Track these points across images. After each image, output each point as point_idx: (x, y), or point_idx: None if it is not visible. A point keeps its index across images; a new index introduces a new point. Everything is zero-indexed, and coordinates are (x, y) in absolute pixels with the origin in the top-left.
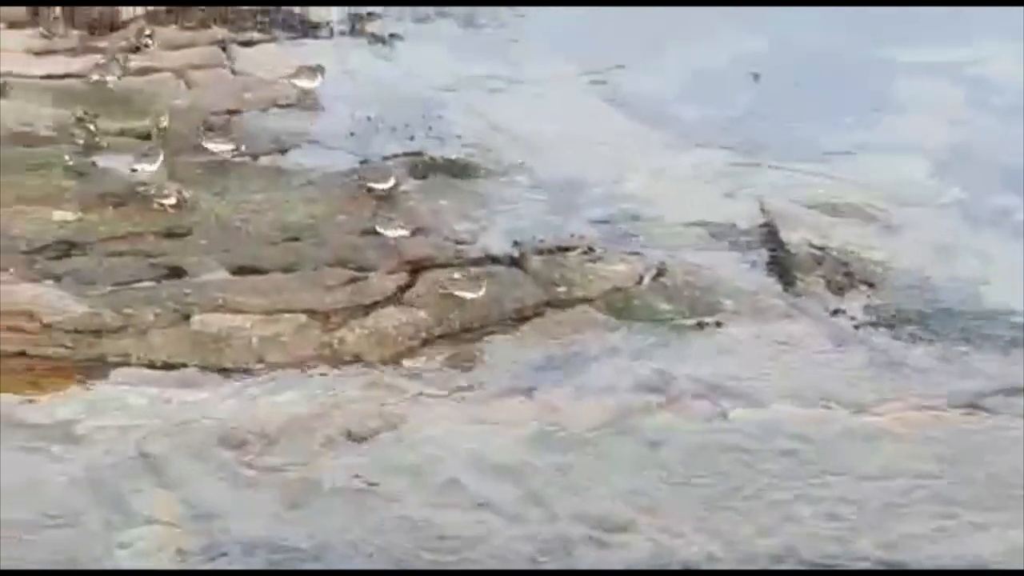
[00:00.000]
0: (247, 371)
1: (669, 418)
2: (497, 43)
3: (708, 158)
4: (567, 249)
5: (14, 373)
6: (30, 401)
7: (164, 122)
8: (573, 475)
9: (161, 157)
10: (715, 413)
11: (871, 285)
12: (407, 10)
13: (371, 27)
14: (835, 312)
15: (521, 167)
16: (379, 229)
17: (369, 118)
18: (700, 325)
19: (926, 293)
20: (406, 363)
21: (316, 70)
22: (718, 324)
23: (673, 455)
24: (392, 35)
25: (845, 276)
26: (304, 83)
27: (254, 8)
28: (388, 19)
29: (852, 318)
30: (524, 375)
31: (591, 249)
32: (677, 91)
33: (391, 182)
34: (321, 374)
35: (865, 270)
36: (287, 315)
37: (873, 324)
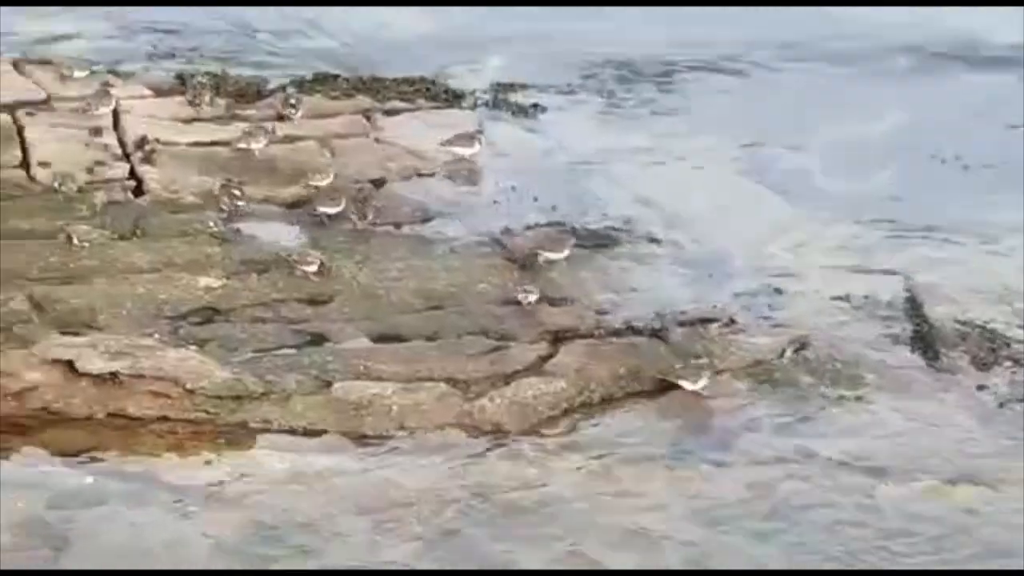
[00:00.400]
0: (387, 438)
1: (810, 493)
2: (640, 116)
3: (852, 232)
4: (709, 321)
5: (157, 437)
6: (172, 465)
7: (325, 180)
8: (709, 547)
9: (343, 203)
10: (858, 489)
11: (1017, 362)
12: (551, 80)
13: (514, 97)
14: (980, 388)
15: (664, 239)
16: (520, 298)
17: (512, 188)
18: (842, 399)
19: None
20: (546, 432)
21: (474, 137)
22: (860, 399)
23: (814, 532)
24: (535, 105)
25: (990, 352)
26: (461, 150)
27: (398, 78)
28: (531, 90)
29: (997, 394)
30: (664, 446)
31: (733, 321)
32: (822, 164)
33: (566, 251)
34: (460, 443)
35: (1010, 347)
36: (428, 383)
37: (1020, 400)
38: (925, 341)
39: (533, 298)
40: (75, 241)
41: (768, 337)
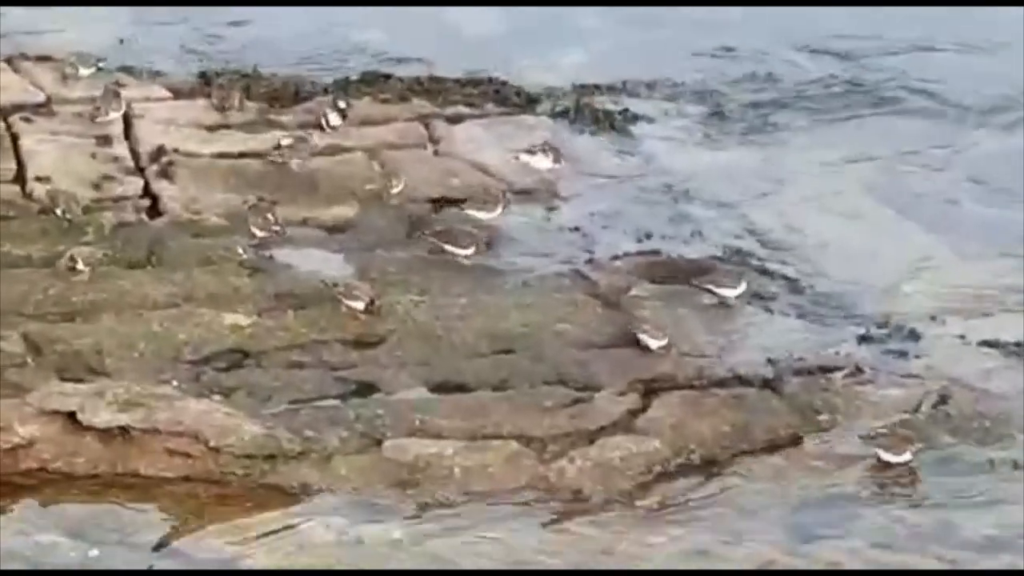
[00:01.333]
0: (447, 505)
1: None
2: (752, 128)
3: (1001, 267)
4: (830, 370)
5: (174, 502)
6: (193, 535)
7: (397, 187)
8: None
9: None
10: None
11: None
12: (645, 81)
13: (600, 102)
14: None
15: (777, 273)
16: (645, 341)
17: (597, 211)
18: (991, 463)
19: None
20: (636, 501)
21: (552, 148)
22: (1016, 465)
23: None
24: (624, 112)
25: None
26: (537, 163)
27: (461, 79)
28: (621, 93)
29: None
30: (777, 520)
31: (859, 370)
32: (966, 187)
33: (741, 287)
34: (534, 512)
35: None
36: (495, 442)
37: None
38: None
39: (660, 343)
40: (79, 267)
41: (901, 389)
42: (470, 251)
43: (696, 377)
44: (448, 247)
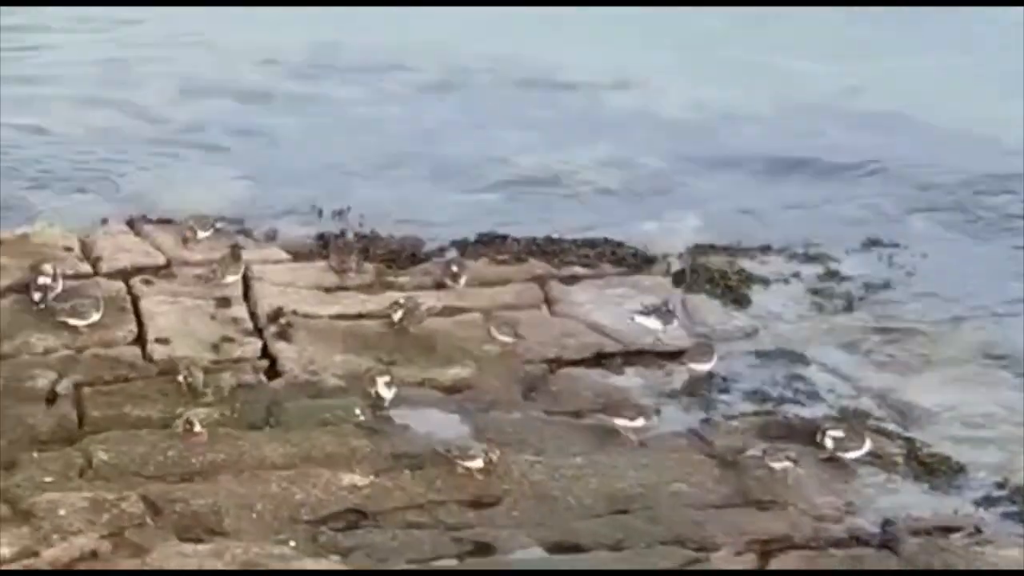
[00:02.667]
0: None
1: None
2: (861, 291)
3: None
4: (949, 530)
5: None
6: None
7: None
8: None
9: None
10: None
11: None
12: (756, 248)
13: (715, 262)
14: None
15: (893, 433)
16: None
17: (713, 374)
18: None
19: None
20: None
21: (667, 311)
22: None
23: None
24: (740, 272)
25: None
26: (653, 325)
27: (577, 240)
28: (736, 254)
29: None
30: None
31: (978, 530)
32: None
33: (865, 447)
34: None
35: None
36: None
37: None
38: None
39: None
40: (196, 428)
41: (1021, 550)
42: (639, 423)
43: (813, 537)
44: (617, 421)
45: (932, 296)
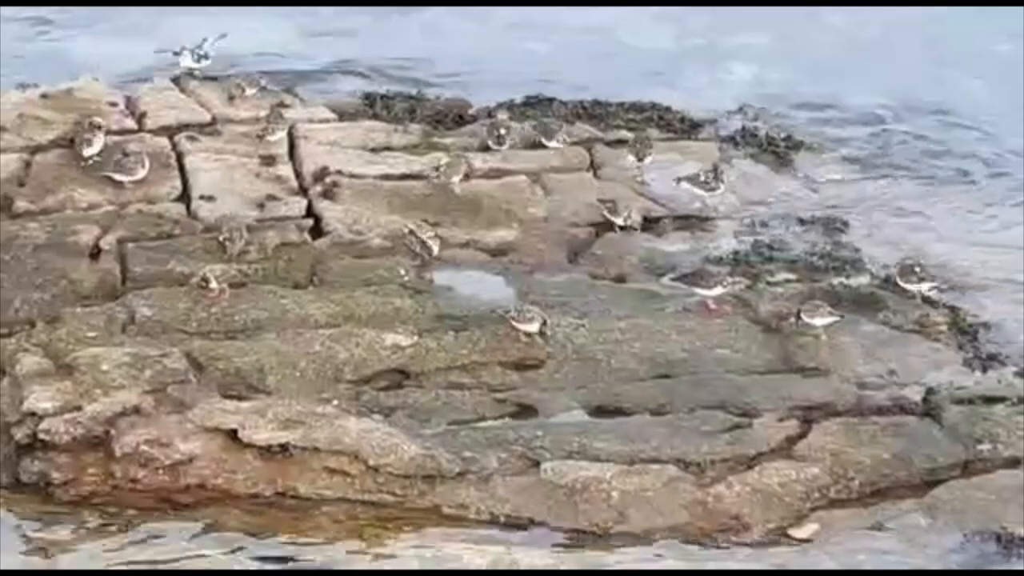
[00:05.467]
0: (605, 531)
1: None
2: (917, 155)
3: None
4: (993, 400)
5: (333, 522)
6: (351, 555)
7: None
8: None
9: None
10: None
11: None
12: (807, 110)
13: (764, 126)
14: None
15: (939, 301)
16: None
17: (759, 239)
18: None
19: None
20: (793, 532)
21: (715, 175)
22: None
23: None
24: (788, 138)
25: None
26: (700, 191)
27: (625, 103)
28: (785, 117)
29: None
30: (941, 553)
31: (1021, 400)
32: None
33: (826, 319)
34: (692, 539)
35: None
36: (654, 466)
37: None
38: None
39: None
40: (212, 285)
41: None
42: (715, 291)
43: (855, 404)
44: (697, 290)
45: (991, 161)
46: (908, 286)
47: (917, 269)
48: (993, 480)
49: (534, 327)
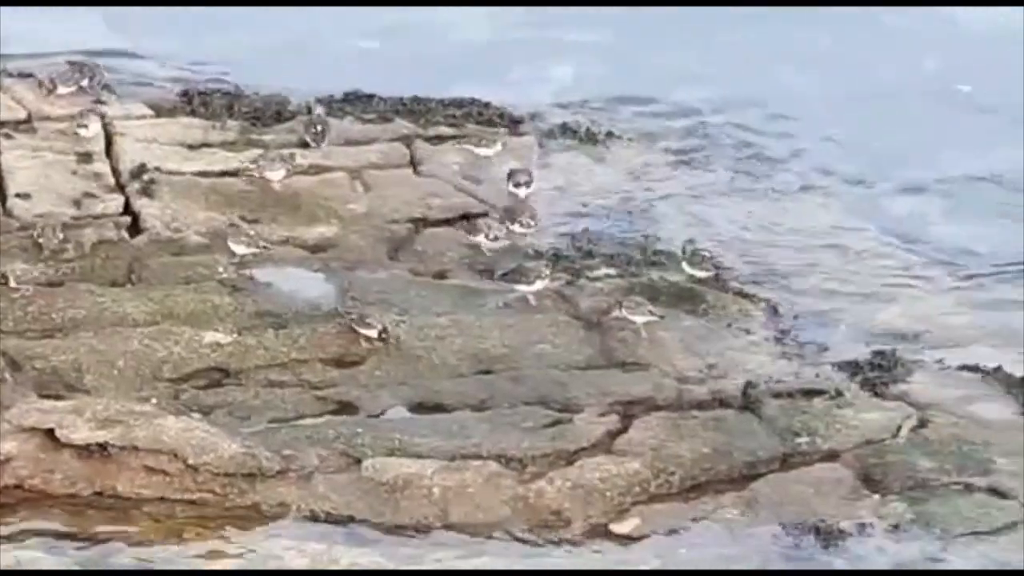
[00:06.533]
0: (425, 527)
1: None
2: (728, 146)
3: (983, 288)
4: (811, 393)
5: (152, 521)
6: (170, 555)
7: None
8: None
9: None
10: None
11: None
12: (626, 105)
13: (584, 121)
14: None
15: (755, 295)
16: None
17: (578, 232)
18: (969, 488)
19: None
20: (614, 528)
21: (527, 173)
22: (992, 490)
23: None
24: (609, 134)
25: None
26: (516, 189)
27: (445, 99)
28: (605, 111)
29: None
30: (757, 546)
31: (839, 393)
32: (946, 206)
33: (645, 316)
34: (514, 534)
35: None
36: (475, 462)
37: None
38: None
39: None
40: (12, 284)
41: (881, 412)
42: (535, 287)
43: (676, 399)
44: (517, 286)
45: (805, 153)
46: (694, 271)
47: (705, 255)
48: (811, 473)
49: (374, 332)
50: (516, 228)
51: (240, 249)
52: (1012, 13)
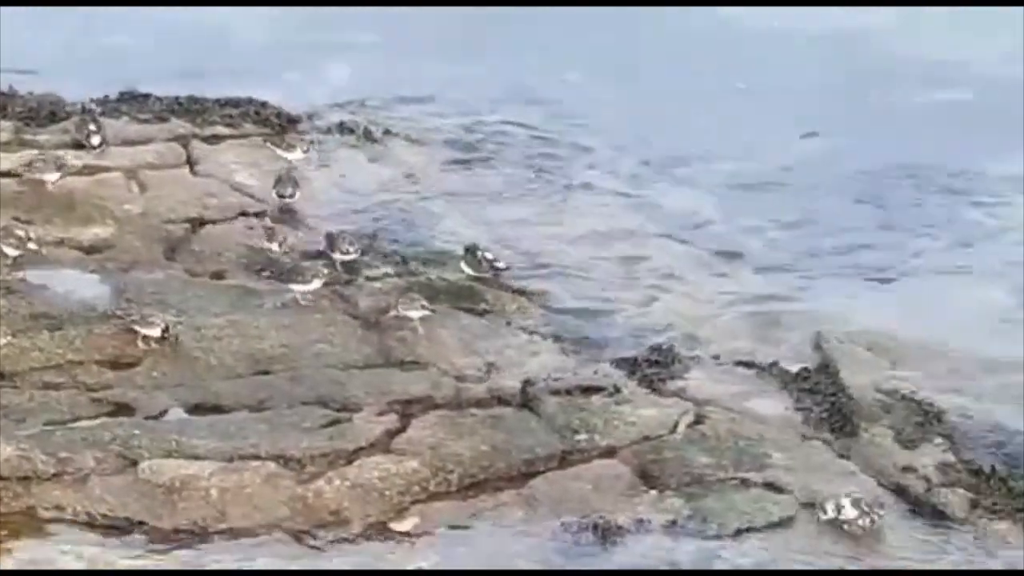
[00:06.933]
0: (204, 530)
1: None
2: (505, 140)
3: (757, 284)
4: (589, 390)
5: None
6: None
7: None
8: None
9: None
10: None
11: (947, 438)
12: (404, 103)
13: (361, 118)
14: (905, 469)
15: (533, 291)
16: None
17: (355, 230)
18: (745, 483)
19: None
20: (394, 525)
21: (288, 185)
22: (768, 484)
23: None
24: (387, 132)
25: (917, 426)
26: (284, 190)
27: (221, 99)
28: (381, 110)
29: (925, 478)
30: (534, 545)
31: (617, 390)
32: (718, 202)
33: (421, 311)
34: (292, 535)
35: (941, 420)
36: (253, 462)
37: (949, 485)
38: (842, 415)
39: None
40: None
41: (658, 408)
42: (312, 286)
43: (454, 397)
44: (293, 286)
45: (580, 148)
46: (471, 270)
47: (483, 254)
48: (590, 470)
49: (156, 331)
50: (336, 255)
51: (11, 251)
52: (785, 13)
